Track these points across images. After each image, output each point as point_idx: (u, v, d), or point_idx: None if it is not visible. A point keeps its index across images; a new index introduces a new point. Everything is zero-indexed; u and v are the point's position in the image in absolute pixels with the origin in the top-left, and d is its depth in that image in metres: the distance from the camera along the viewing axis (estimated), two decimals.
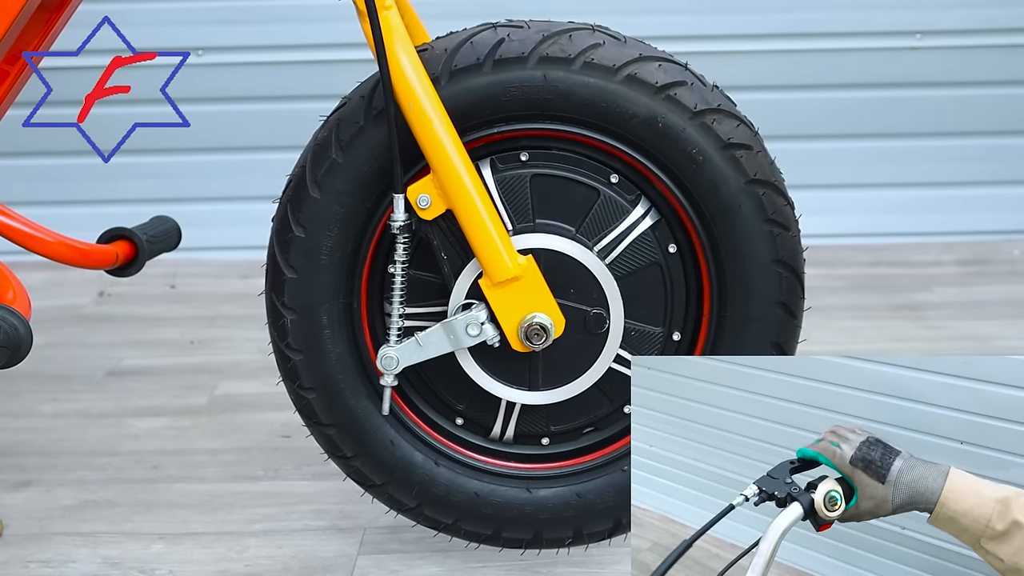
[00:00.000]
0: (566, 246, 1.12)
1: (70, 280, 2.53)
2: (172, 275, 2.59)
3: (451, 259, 1.12)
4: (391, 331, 1.13)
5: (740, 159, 1.09)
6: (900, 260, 2.69)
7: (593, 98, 1.08)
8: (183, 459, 1.63)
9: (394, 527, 1.36)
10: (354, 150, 1.11)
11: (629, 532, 1.18)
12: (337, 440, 1.18)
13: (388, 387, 1.15)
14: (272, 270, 1.16)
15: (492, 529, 1.20)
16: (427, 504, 1.19)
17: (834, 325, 2.22)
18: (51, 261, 1.30)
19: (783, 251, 1.11)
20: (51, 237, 1.28)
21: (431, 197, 1.09)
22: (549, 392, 1.16)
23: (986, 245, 2.73)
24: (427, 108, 1.06)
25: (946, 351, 2.10)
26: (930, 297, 2.47)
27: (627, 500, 1.13)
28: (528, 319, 1.10)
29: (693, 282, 1.16)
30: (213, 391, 1.92)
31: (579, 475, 1.19)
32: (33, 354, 1.13)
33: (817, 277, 2.11)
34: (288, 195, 1.14)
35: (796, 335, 1.16)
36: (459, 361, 1.14)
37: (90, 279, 2.52)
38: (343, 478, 1.24)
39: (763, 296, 1.12)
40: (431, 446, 1.19)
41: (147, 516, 1.45)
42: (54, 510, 1.46)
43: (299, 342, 1.15)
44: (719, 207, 1.10)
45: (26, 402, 1.86)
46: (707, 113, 1.09)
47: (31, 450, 1.67)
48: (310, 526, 1.41)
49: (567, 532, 1.20)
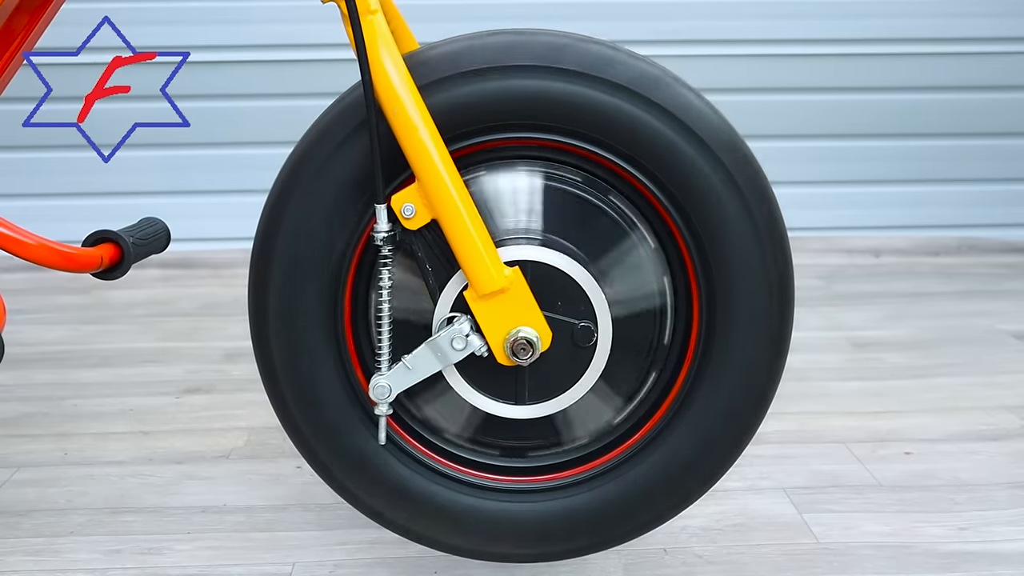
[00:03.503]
0: (553, 257, 1.10)
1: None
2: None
3: (436, 271, 1.10)
4: (381, 359, 1.11)
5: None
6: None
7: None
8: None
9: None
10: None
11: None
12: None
13: (383, 416, 1.13)
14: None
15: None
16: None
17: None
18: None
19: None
20: (33, 241, 1.26)
21: (416, 206, 1.06)
22: (537, 406, 1.14)
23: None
24: (412, 115, 1.04)
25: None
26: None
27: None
28: (513, 334, 1.07)
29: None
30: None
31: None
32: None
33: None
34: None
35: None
36: (446, 378, 1.12)
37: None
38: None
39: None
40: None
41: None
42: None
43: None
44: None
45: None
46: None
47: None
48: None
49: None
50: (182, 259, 2.80)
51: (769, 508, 1.48)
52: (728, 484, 1.54)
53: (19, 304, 2.49)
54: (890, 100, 2.94)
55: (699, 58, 2.87)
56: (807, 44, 2.89)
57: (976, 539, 1.40)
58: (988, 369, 2.05)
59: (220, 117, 2.83)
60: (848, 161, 2.97)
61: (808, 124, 2.94)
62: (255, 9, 2.79)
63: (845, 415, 1.83)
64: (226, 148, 2.87)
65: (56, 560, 1.35)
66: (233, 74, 2.82)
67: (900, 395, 1.92)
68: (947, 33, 2.89)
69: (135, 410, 1.86)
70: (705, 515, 1.46)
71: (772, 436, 1.72)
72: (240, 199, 2.79)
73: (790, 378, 1.83)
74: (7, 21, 1.21)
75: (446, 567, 1.33)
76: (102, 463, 1.64)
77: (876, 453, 1.67)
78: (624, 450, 1.17)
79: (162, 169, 2.86)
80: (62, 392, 1.95)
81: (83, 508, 1.49)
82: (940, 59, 2.91)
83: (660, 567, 1.33)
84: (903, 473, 1.60)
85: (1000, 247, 2.97)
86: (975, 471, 1.61)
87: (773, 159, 1.24)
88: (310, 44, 2.78)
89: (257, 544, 1.39)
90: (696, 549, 1.37)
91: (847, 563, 1.34)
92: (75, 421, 1.81)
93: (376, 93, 1.03)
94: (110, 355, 2.16)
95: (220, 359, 2.13)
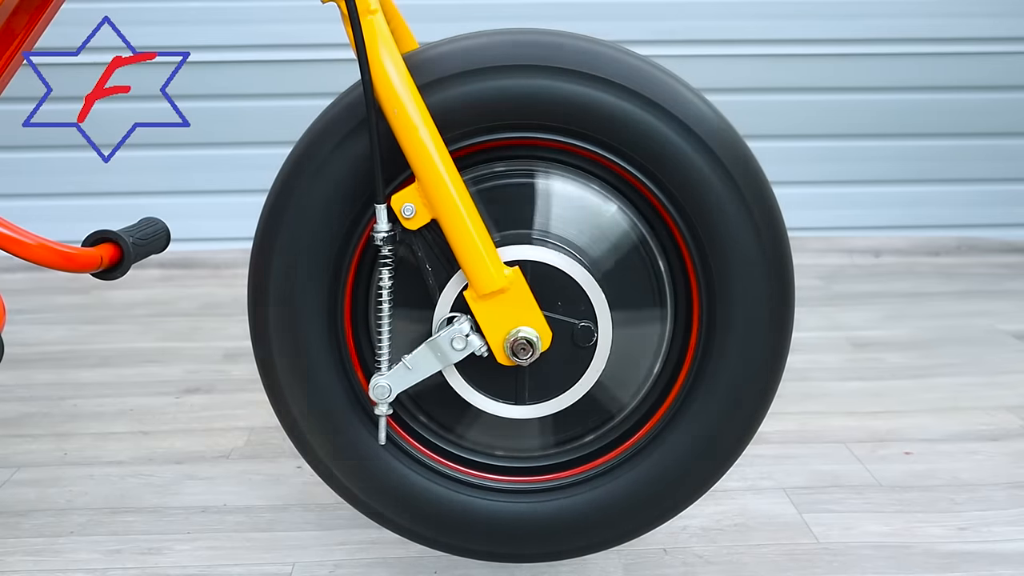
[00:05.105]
0: (553, 258, 1.10)
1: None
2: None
3: (436, 271, 1.10)
4: (381, 359, 1.11)
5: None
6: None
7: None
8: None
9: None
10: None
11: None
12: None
13: (383, 416, 1.13)
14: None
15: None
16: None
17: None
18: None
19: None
20: (33, 241, 1.26)
21: (416, 207, 1.06)
22: (537, 406, 1.14)
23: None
24: (412, 115, 1.03)
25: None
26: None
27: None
28: (513, 334, 1.07)
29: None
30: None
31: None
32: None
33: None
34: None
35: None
36: (446, 377, 1.12)
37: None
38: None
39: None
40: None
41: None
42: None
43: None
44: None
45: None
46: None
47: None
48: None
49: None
50: (182, 259, 2.80)
51: (769, 508, 1.48)
52: (728, 484, 1.54)
53: (19, 304, 2.49)
54: (890, 100, 2.94)
55: (699, 58, 2.87)
56: (807, 44, 2.89)
57: (976, 539, 1.40)
58: (988, 369, 2.05)
59: (220, 117, 2.83)
60: (848, 161, 2.97)
61: (808, 124, 2.94)
62: (255, 9, 2.79)
63: (845, 415, 1.83)
64: (226, 148, 2.87)
65: (56, 560, 1.35)
66: (233, 74, 2.82)
67: (900, 395, 1.92)
68: (947, 33, 2.89)
69: (135, 410, 1.86)
70: (705, 515, 1.46)
71: (772, 436, 1.72)
72: (240, 199, 2.79)
73: (790, 378, 1.83)
74: (7, 21, 1.21)
75: (446, 567, 1.33)
76: (102, 463, 1.64)
77: (876, 453, 1.67)
78: (624, 450, 1.17)
79: (162, 169, 2.86)
80: (62, 392, 1.95)
81: (83, 508, 1.49)
82: (940, 59, 2.91)
83: (660, 567, 1.33)
84: (903, 473, 1.60)
85: (1000, 247, 2.97)
86: (975, 471, 1.61)
87: (773, 159, 1.25)
88: (310, 44, 2.78)
89: (257, 544, 1.39)
90: (696, 549, 1.37)
91: (847, 563, 1.34)
92: (75, 421, 1.81)
93: (376, 93, 1.03)
94: (110, 355, 2.16)
95: (220, 359, 2.13)
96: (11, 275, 2.66)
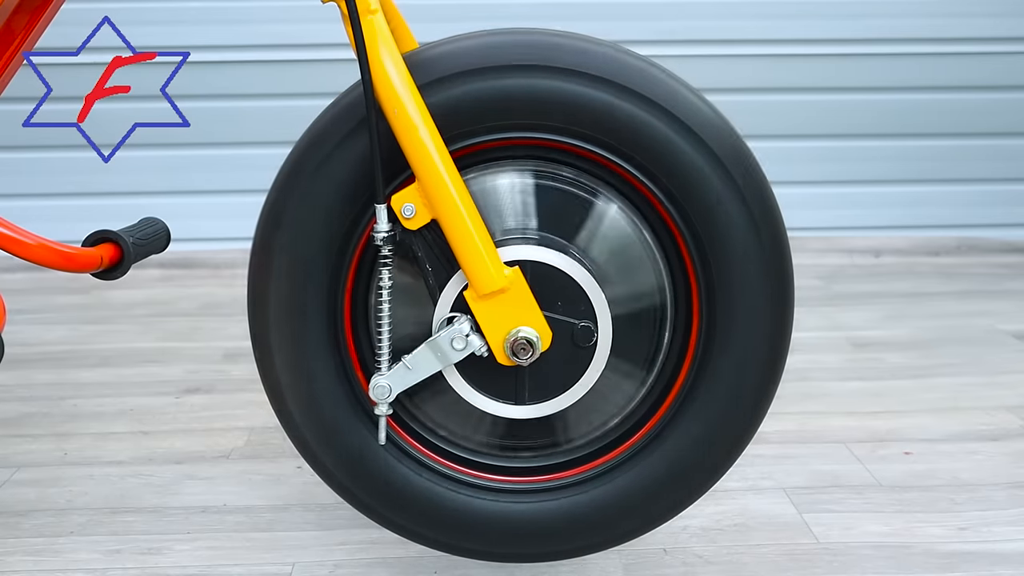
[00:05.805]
0: (553, 257, 1.09)
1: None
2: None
3: (436, 271, 1.09)
4: (381, 358, 1.10)
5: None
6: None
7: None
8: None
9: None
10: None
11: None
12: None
13: (383, 416, 1.13)
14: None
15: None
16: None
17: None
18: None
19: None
20: (33, 241, 1.26)
21: (416, 207, 1.06)
22: (537, 406, 1.14)
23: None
24: (412, 115, 1.03)
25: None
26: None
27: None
28: (513, 333, 1.07)
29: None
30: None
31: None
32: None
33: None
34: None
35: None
36: (446, 378, 1.12)
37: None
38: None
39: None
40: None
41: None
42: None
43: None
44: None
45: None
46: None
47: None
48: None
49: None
50: (182, 259, 2.80)
51: (769, 508, 1.48)
52: (728, 484, 1.54)
53: (19, 304, 2.49)
54: (890, 100, 2.94)
55: (699, 58, 2.87)
56: (807, 44, 2.89)
57: (976, 539, 1.40)
58: (988, 369, 2.05)
59: (220, 117, 2.83)
60: (848, 161, 2.97)
61: (808, 124, 2.94)
62: (255, 9, 2.79)
63: (845, 415, 1.83)
64: (226, 148, 2.87)
65: (56, 560, 1.35)
66: (233, 74, 2.82)
67: (900, 395, 1.92)
68: (947, 33, 2.89)
69: (135, 410, 1.86)
70: (705, 515, 1.46)
71: (772, 436, 1.72)
72: (240, 199, 2.79)
73: (790, 378, 1.83)
74: (7, 21, 1.21)
75: (446, 567, 1.33)
76: (102, 463, 1.64)
77: (876, 453, 1.67)
78: (624, 450, 1.17)
79: (162, 169, 2.86)
80: (62, 392, 1.95)
81: (83, 508, 1.49)
82: (940, 59, 2.91)
83: (660, 567, 1.33)
84: (903, 473, 1.60)
85: (1000, 247, 2.97)
86: (975, 471, 1.61)
87: (773, 159, 1.25)
88: (310, 44, 2.78)
89: (257, 544, 1.39)
90: (696, 549, 1.37)
91: (847, 563, 1.34)
92: (75, 421, 1.81)
93: (376, 93, 1.03)
94: (110, 355, 2.16)
95: (220, 359, 2.13)
96: (11, 275, 2.66)
